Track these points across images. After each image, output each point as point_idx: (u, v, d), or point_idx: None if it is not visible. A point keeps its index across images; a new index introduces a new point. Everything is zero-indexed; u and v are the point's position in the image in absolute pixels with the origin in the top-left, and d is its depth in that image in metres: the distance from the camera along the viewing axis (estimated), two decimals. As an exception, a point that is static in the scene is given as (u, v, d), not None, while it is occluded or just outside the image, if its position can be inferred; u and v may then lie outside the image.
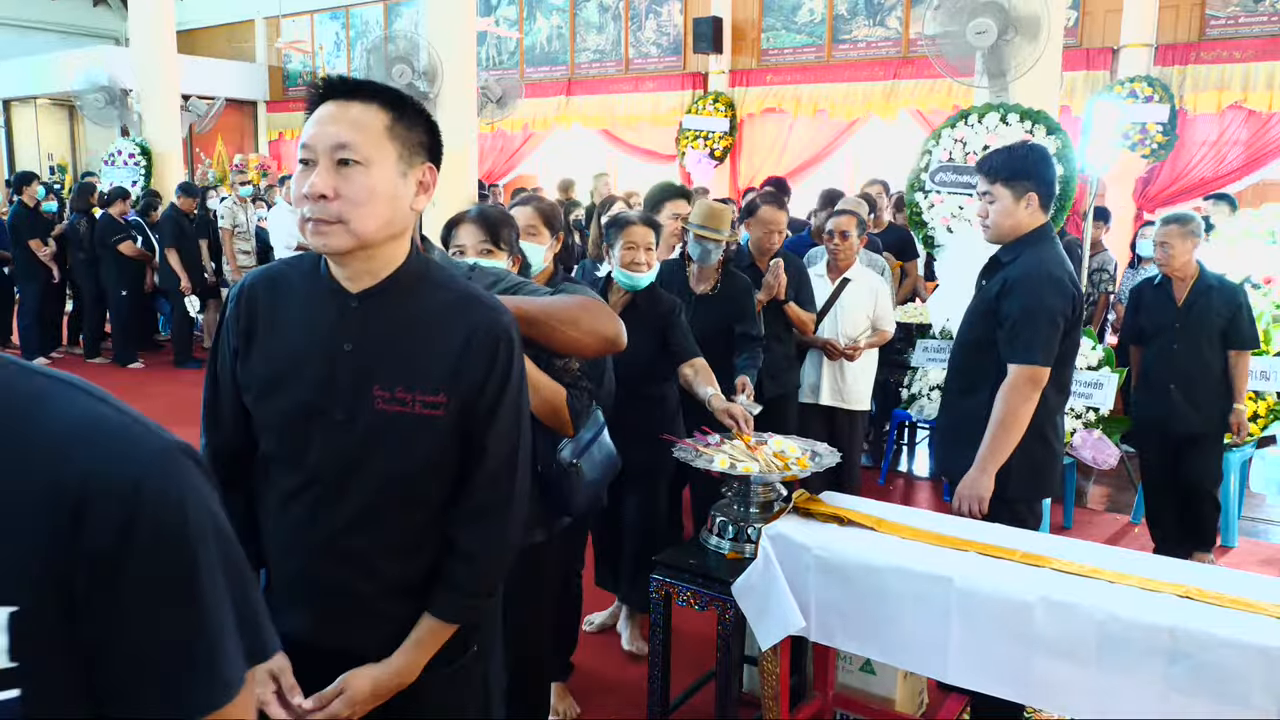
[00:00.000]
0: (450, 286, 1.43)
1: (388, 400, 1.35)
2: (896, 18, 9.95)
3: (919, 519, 2.35)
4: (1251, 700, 1.73)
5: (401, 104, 1.36)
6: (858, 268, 4.16)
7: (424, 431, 1.36)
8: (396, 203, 1.34)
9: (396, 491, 1.39)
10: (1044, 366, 2.50)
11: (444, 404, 1.36)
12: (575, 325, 1.76)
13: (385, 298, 1.38)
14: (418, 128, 1.37)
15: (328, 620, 1.42)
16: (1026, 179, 2.57)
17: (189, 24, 14.75)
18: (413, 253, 1.41)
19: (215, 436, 1.50)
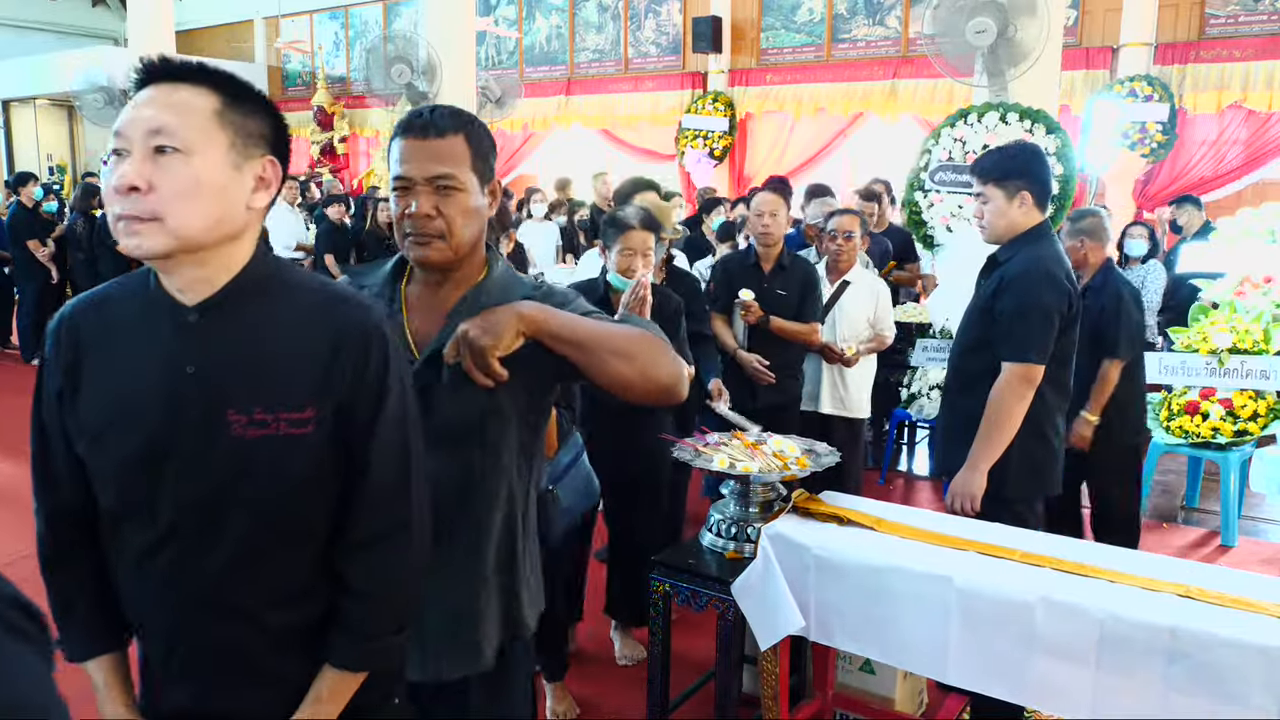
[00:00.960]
0: (310, 287, 1.28)
1: (246, 424, 1.17)
2: (896, 17, 9.95)
3: (919, 519, 2.35)
4: (1252, 700, 1.72)
5: (236, 88, 1.20)
6: (858, 270, 4.05)
7: (294, 453, 1.19)
8: (227, 198, 1.17)
9: (273, 529, 1.21)
10: (1038, 364, 2.50)
11: (313, 419, 1.20)
12: (629, 361, 1.43)
13: (229, 307, 1.20)
14: (257, 115, 1.21)
15: (216, 688, 1.24)
16: (1019, 178, 2.57)
17: (188, 24, 14.75)
18: (258, 255, 1.25)
19: (49, 498, 1.28)
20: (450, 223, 1.45)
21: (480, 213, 1.50)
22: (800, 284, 3.78)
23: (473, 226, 1.48)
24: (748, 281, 3.77)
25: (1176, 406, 4.64)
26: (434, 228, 1.45)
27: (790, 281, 3.77)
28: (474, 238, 1.50)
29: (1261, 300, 4.73)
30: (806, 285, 3.79)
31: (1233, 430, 4.43)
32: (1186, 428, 4.55)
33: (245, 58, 15.56)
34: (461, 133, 1.47)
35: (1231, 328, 4.58)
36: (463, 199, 1.46)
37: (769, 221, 3.76)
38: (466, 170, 1.46)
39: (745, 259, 3.91)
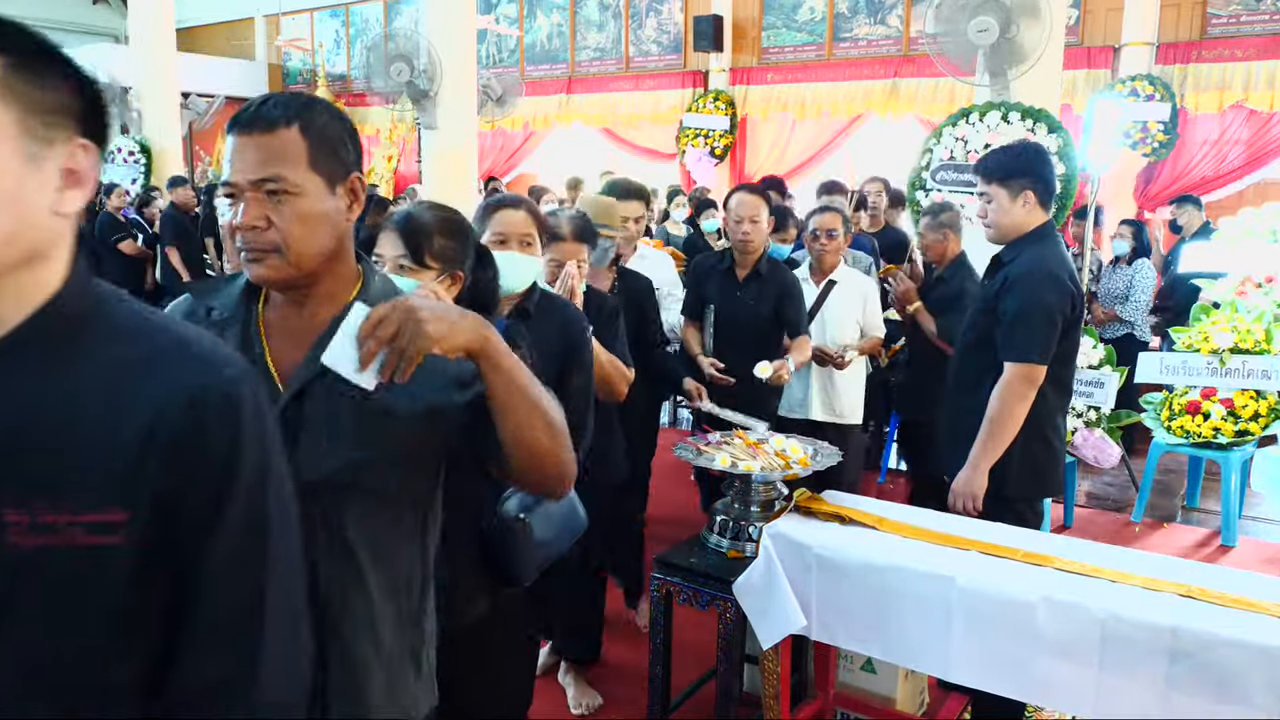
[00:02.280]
0: (141, 331, 0.93)
1: (25, 528, 0.84)
2: (897, 16, 9.94)
3: (920, 518, 2.35)
4: (1253, 699, 1.72)
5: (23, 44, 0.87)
6: (843, 269, 3.83)
7: (94, 572, 0.86)
8: (24, 197, 0.86)
9: (59, 680, 0.87)
10: (1040, 365, 2.50)
11: (122, 524, 0.86)
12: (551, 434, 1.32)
13: (16, 359, 0.87)
14: (52, 83, 0.88)
15: None
16: (1022, 177, 2.57)
17: (188, 21, 14.73)
18: (73, 283, 0.92)
19: None
20: (286, 234, 1.21)
21: (330, 219, 1.25)
22: (777, 294, 3.50)
23: (320, 236, 1.24)
24: (719, 288, 3.54)
25: (1178, 406, 4.64)
26: (266, 240, 1.21)
27: (765, 292, 3.49)
28: (324, 249, 1.25)
29: (1263, 300, 4.73)
30: (785, 294, 3.50)
31: (1234, 430, 4.43)
32: (1188, 427, 4.55)
33: (246, 55, 15.56)
34: (295, 124, 1.21)
35: (1233, 327, 4.58)
36: (299, 205, 1.21)
37: (749, 229, 3.45)
38: (302, 170, 1.21)
39: (719, 263, 3.62)
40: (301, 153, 1.21)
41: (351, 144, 1.28)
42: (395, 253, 1.73)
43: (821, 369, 3.70)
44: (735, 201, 3.53)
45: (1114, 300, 6.08)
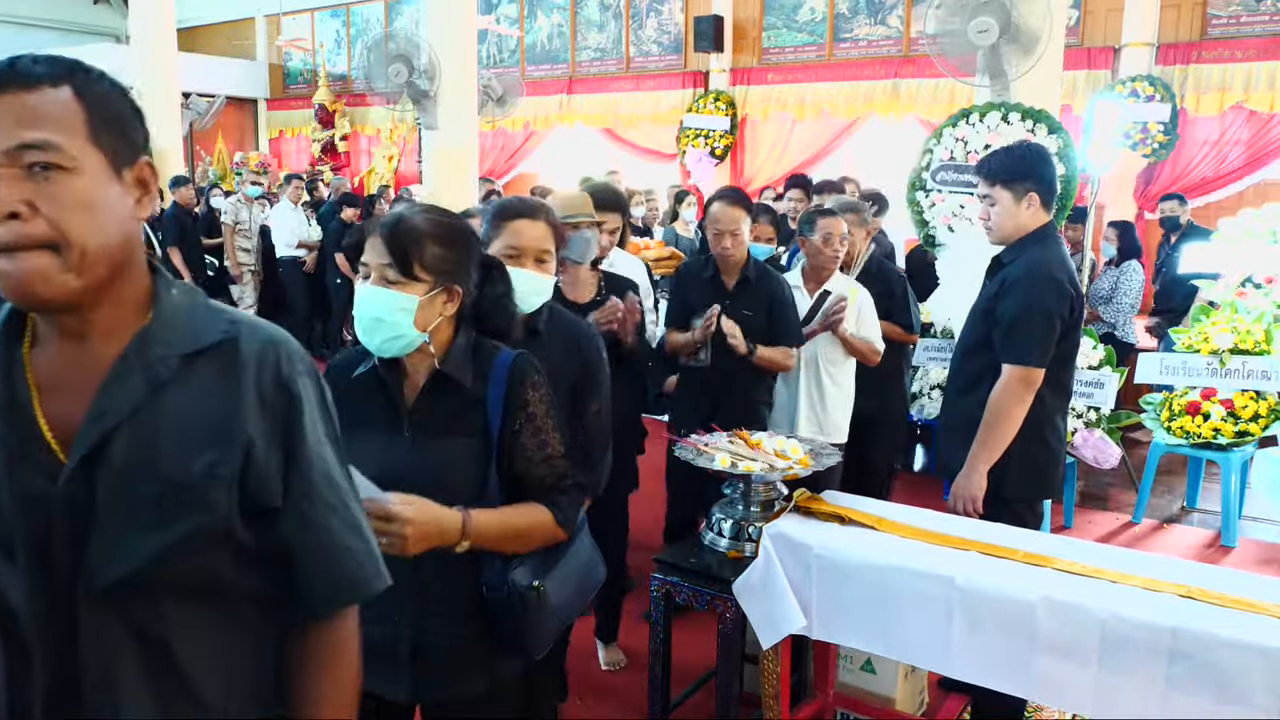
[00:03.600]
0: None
1: None
2: (898, 16, 9.94)
3: (920, 518, 2.35)
4: (1253, 700, 1.73)
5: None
6: (839, 278, 3.59)
7: None
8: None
9: None
10: (1038, 368, 2.49)
11: None
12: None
13: None
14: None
15: None
16: (1026, 179, 2.56)
17: (189, 21, 14.73)
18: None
19: None
20: (62, 225, 0.90)
21: (115, 212, 0.95)
22: (768, 301, 3.27)
23: (107, 231, 0.93)
24: (707, 298, 3.27)
25: (1178, 407, 4.64)
26: (29, 235, 0.89)
27: (757, 299, 3.27)
28: (112, 252, 0.94)
29: (1262, 301, 4.73)
30: (775, 302, 3.28)
31: (1234, 431, 4.43)
32: (1188, 428, 4.55)
33: (246, 55, 15.56)
34: (66, 84, 0.92)
35: (1233, 328, 4.58)
36: (77, 185, 0.91)
37: (729, 244, 3.21)
38: (81, 140, 0.91)
39: (703, 270, 3.37)
40: (78, 119, 0.92)
41: (140, 125, 1.02)
42: (380, 261, 1.54)
43: (809, 386, 3.51)
44: (715, 213, 3.24)
45: (1098, 300, 6.10)
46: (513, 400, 1.58)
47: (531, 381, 1.61)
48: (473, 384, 1.58)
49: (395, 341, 1.54)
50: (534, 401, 1.60)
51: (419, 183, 10.71)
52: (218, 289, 8.66)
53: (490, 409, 1.57)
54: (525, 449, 1.60)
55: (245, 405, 0.99)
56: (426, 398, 1.58)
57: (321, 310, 8.58)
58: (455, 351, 1.60)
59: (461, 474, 1.56)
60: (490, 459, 1.57)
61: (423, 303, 1.54)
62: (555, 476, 1.63)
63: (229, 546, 0.99)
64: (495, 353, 1.63)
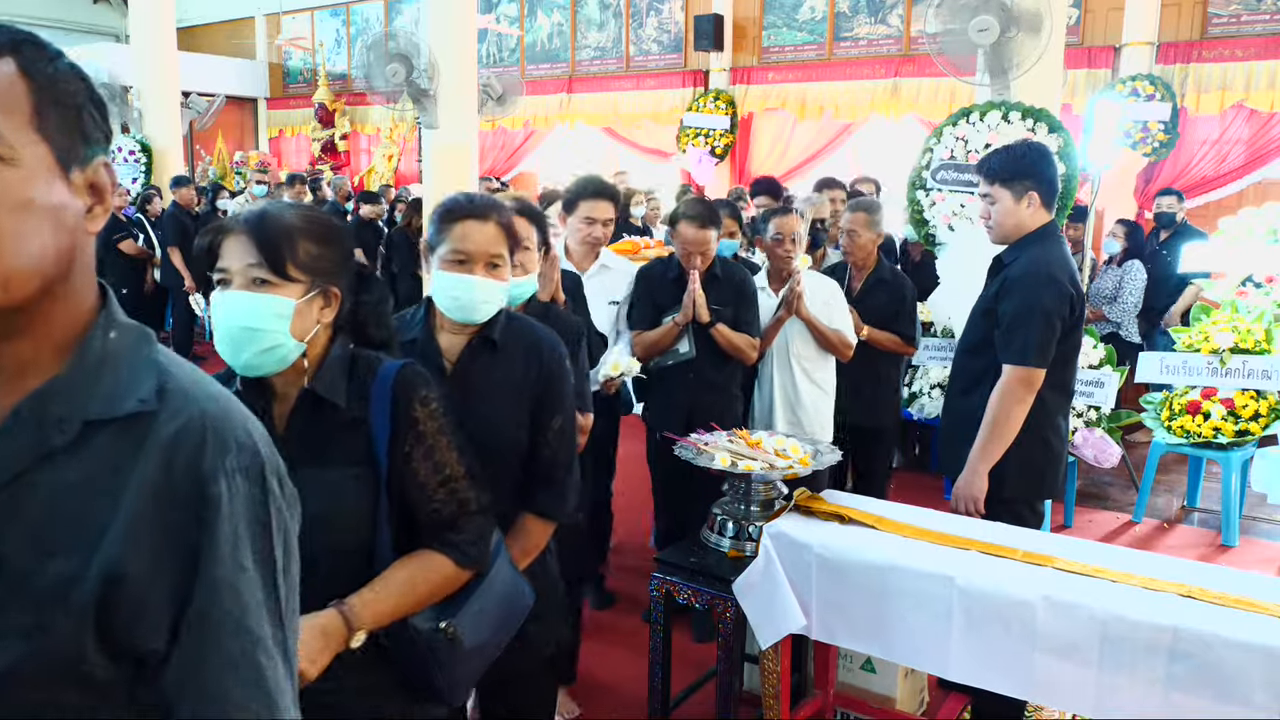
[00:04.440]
0: None
1: None
2: (898, 15, 9.93)
3: (920, 517, 2.34)
4: (1253, 699, 1.72)
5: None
6: (806, 274, 3.48)
7: None
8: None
9: None
10: (1038, 368, 2.49)
11: None
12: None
13: None
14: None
15: None
16: (1026, 178, 2.56)
17: (189, 21, 14.73)
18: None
19: None
20: None
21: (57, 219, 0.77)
22: (735, 295, 3.26)
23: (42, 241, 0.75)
24: (674, 297, 3.26)
25: (1178, 406, 4.63)
26: None
27: (725, 294, 3.25)
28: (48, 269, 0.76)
29: (1263, 300, 4.73)
30: (740, 294, 3.27)
31: (1234, 430, 4.43)
32: (1188, 427, 4.55)
33: (246, 55, 15.56)
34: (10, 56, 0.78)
35: (1233, 327, 4.58)
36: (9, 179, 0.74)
37: (699, 263, 3.19)
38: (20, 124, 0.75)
39: (667, 271, 3.35)
40: (21, 99, 0.75)
41: (100, 118, 0.83)
42: (247, 261, 1.33)
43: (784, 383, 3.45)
44: (684, 233, 3.20)
45: (1102, 300, 6.09)
46: (399, 419, 1.40)
47: (420, 396, 1.43)
48: (351, 403, 1.41)
49: (269, 355, 1.34)
50: (424, 419, 1.42)
51: (419, 182, 10.71)
52: None
53: (375, 431, 1.39)
54: (417, 475, 1.42)
55: (131, 508, 0.74)
56: (299, 423, 1.39)
57: None
58: (329, 367, 1.41)
59: (347, 509, 1.38)
60: (379, 490, 1.39)
61: (299, 307, 1.35)
62: (454, 505, 1.45)
63: (88, 687, 0.75)
64: (376, 365, 1.45)
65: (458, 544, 1.46)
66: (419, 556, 1.43)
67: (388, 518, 1.40)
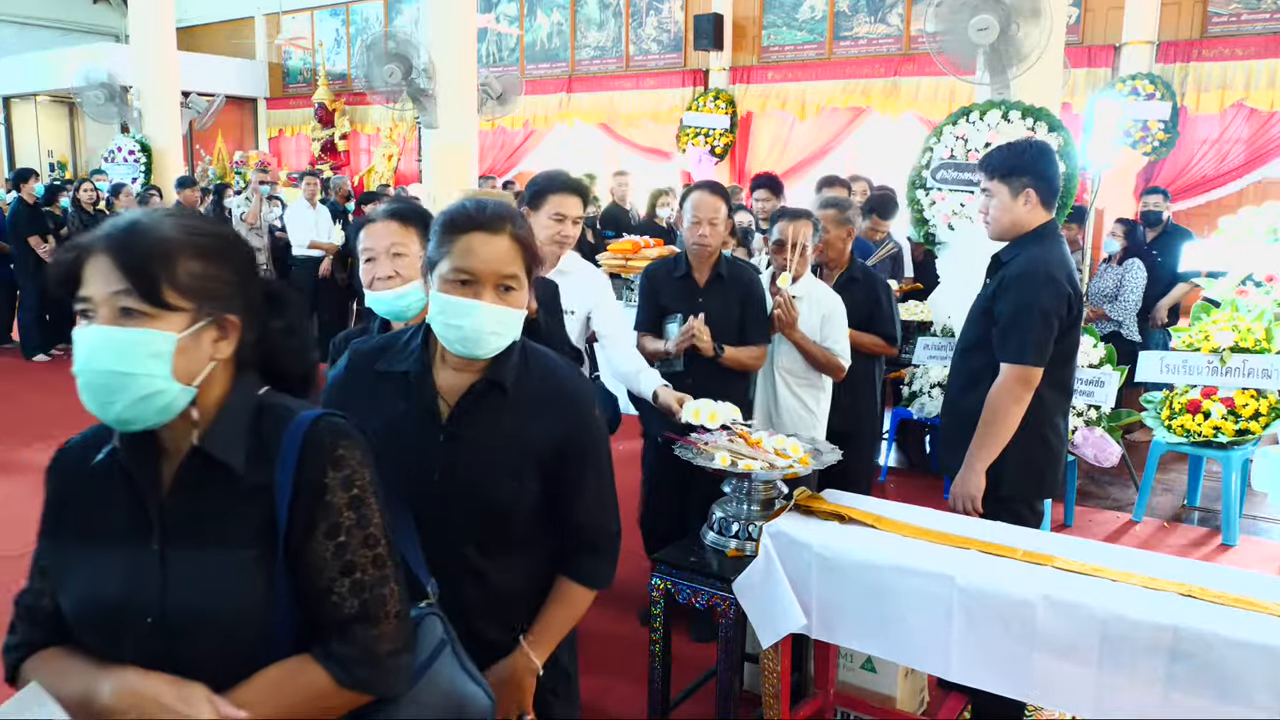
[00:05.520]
0: None
1: None
2: (898, 14, 9.94)
3: (920, 517, 2.34)
4: (1254, 699, 1.72)
5: None
6: (809, 281, 3.37)
7: None
8: None
9: None
10: (1035, 366, 2.49)
11: None
12: None
13: None
14: None
15: None
16: (1024, 175, 2.56)
17: (189, 20, 14.74)
18: None
19: None
20: None
21: None
22: (742, 297, 3.19)
23: None
24: (679, 296, 3.19)
25: (1178, 405, 4.63)
26: None
27: (730, 296, 3.19)
28: None
29: (1263, 299, 4.73)
30: (748, 298, 3.20)
31: (1234, 429, 4.43)
32: (1188, 426, 4.54)
33: (246, 54, 15.57)
34: None
35: (1233, 326, 4.58)
36: None
37: (707, 231, 3.13)
38: None
39: (674, 270, 3.27)
40: None
41: None
42: (110, 290, 1.08)
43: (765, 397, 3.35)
44: (695, 199, 3.17)
45: (1103, 299, 6.09)
46: (304, 486, 1.14)
47: (334, 457, 1.16)
48: (252, 466, 1.14)
49: (146, 405, 1.08)
50: (335, 488, 1.15)
51: (419, 181, 10.72)
52: None
53: (280, 501, 1.13)
54: (315, 559, 1.14)
55: None
56: (185, 490, 1.14)
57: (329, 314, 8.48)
58: (225, 418, 1.15)
59: (234, 603, 1.11)
60: (279, 578, 1.14)
61: (183, 342, 1.10)
62: (356, 605, 1.16)
63: None
64: (287, 416, 1.18)
65: (342, 658, 1.15)
66: (293, 663, 1.14)
67: (289, 616, 1.14)
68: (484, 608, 1.53)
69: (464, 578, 1.51)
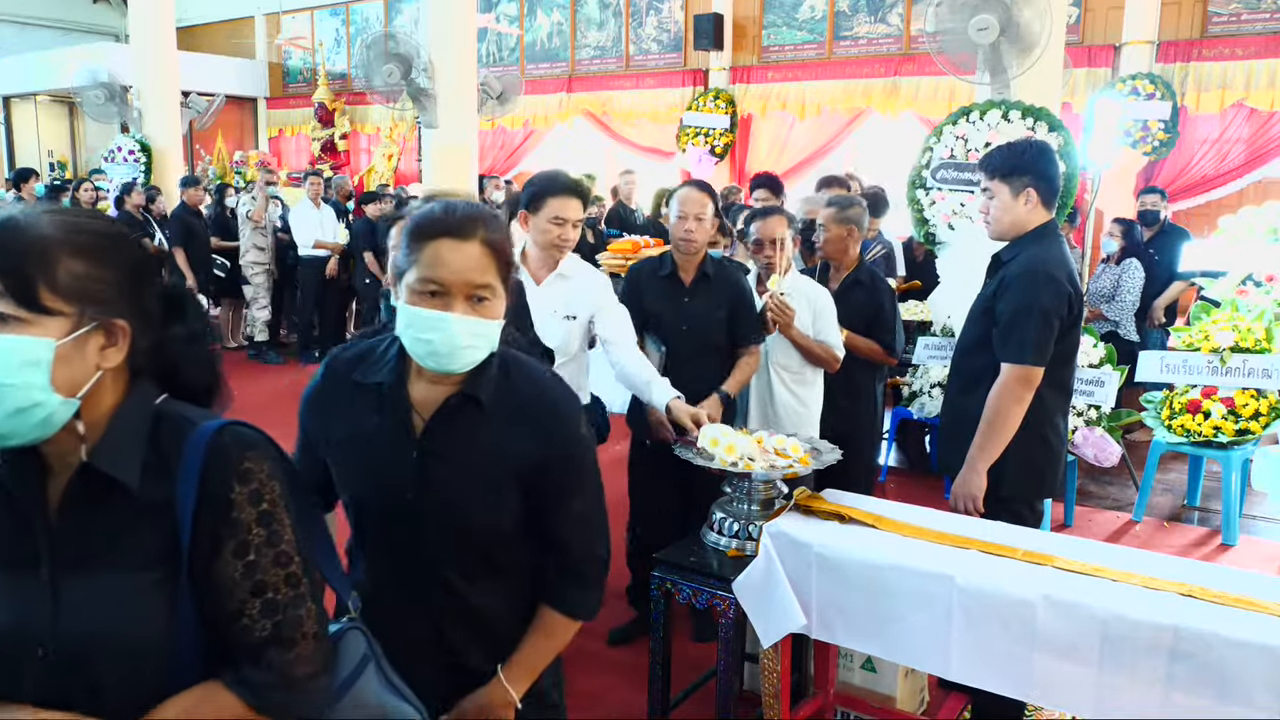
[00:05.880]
0: None
1: None
2: (898, 14, 9.93)
3: (920, 517, 2.34)
4: (1254, 699, 1.72)
5: None
6: (793, 276, 3.32)
7: None
8: None
9: None
10: (1036, 366, 2.49)
11: None
12: None
13: None
14: None
15: None
16: (1024, 174, 2.56)
17: (189, 20, 14.73)
18: None
19: None
20: None
21: None
22: (729, 298, 3.15)
23: None
24: (664, 296, 3.15)
25: (1178, 405, 4.63)
26: None
27: (717, 295, 3.15)
28: None
29: (1263, 299, 4.73)
30: (738, 297, 3.17)
31: (1234, 429, 4.43)
32: (1188, 426, 4.54)
33: (246, 54, 15.56)
34: None
35: (1233, 326, 4.58)
36: None
37: (693, 227, 3.10)
38: None
39: (659, 269, 3.22)
40: None
41: None
42: None
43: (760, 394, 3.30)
44: (681, 197, 3.14)
45: (1100, 299, 6.09)
46: (208, 502, 1.05)
47: (240, 470, 1.07)
48: (149, 482, 1.06)
49: (23, 419, 1.00)
50: (242, 502, 1.07)
51: (419, 181, 10.71)
52: (229, 289, 8.68)
53: (181, 518, 1.05)
54: (224, 581, 1.07)
55: None
56: (75, 510, 1.06)
57: (331, 314, 8.47)
58: (116, 431, 1.06)
59: (134, 630, 1.04)
60: (183, 601, 1.06)
61: (64, 350, 1.01)
62: (268, 628, 1.08)
63: None
64: (187, 428, 1.08)
65: (255, 684, 1.08)
66: (202, 690, 1.07)
67: (195, 644, 1.07)
68: (464, 633, 1.45)
69: (442, 601, 1.44)
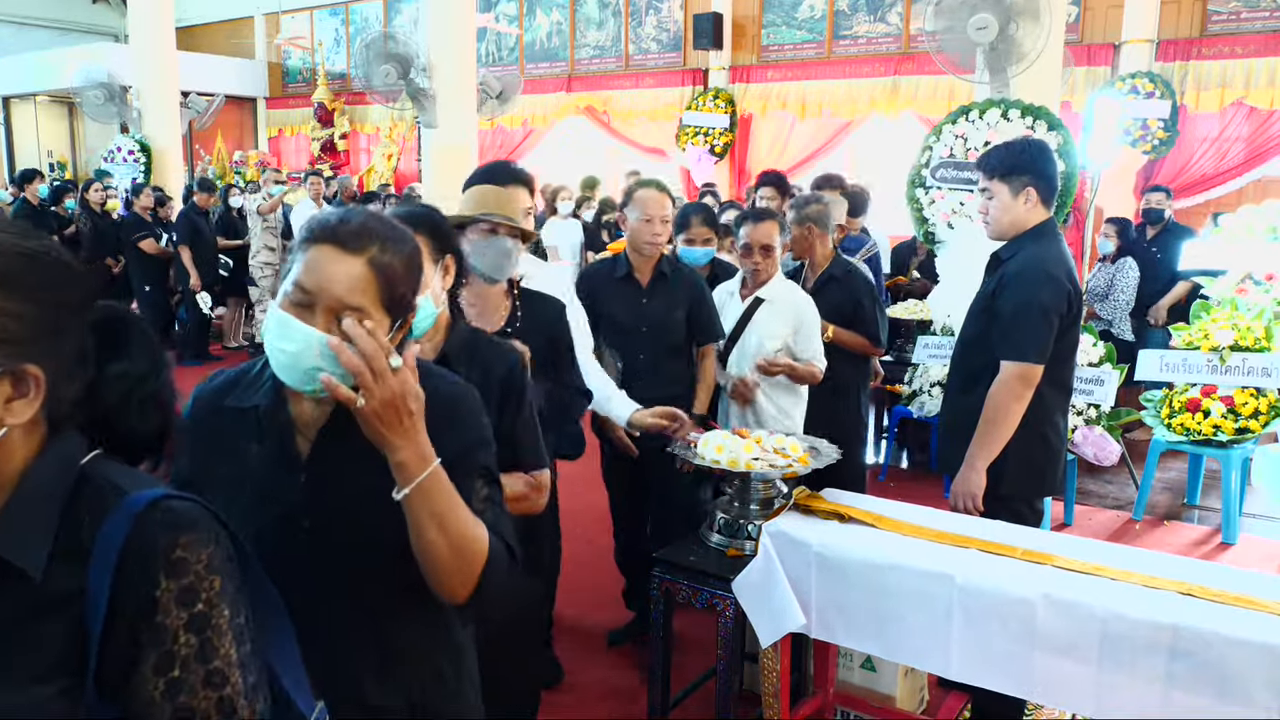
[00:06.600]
0: None
1: None
2: (897, 14, 9.93)
3: (920, 516, 2.34)
4: (1254, 698, 1.72)
5: None
6: (779, 283, 3.24)
7: None
8: None
9: None
10: (1036, 364, 2.49)
11: None
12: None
13: None
14: None
15: None
16: (1024, 174, 2.56)
17: (188, 20, 14.72)
18: None
19: None
20: None
21: None
22: (688, 295, 3.09)
23: None
24: (620, 298, 3.07)
25: (1178, 404, 4.63)
26: None
27: (675, 296, 3.09)
28: None
29: (1263, 297, 4.73)
30: (694, 298, 3.10)
31: (1234, 428, 4.43)
32: (1188, 425, 4.54)
33: (245, 54, 15.56)
34: None
35: (1233, 325, 4.58)
36: None
37: (660, 229, 3.06)
38: None
39: (613, 270, 3.15)
40: None
41: None
42: None
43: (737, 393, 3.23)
44: (645, 198, 3.08)
45: (1094, 298, 6.10)
46: (125, 600, 0.84)
47: (170, 560, 0.86)
48: (57, 568, 0.85)
49: None
50: (168, 604, 0.85)
51: (419, 181, 10.71)
52: (235, 289, 8.69)
53: (91, 620, 0.84)
54: (141, 700, 0.85)
55: None
56: None
57: None
58: (20, 504, 0.85)
59: None
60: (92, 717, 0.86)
61: None
62: None
63: None
64: (111, 501, 0.88)
65: None
66: None
67: None
68: (376, 668, 1.29)
69: (348, 635, 1.27)
